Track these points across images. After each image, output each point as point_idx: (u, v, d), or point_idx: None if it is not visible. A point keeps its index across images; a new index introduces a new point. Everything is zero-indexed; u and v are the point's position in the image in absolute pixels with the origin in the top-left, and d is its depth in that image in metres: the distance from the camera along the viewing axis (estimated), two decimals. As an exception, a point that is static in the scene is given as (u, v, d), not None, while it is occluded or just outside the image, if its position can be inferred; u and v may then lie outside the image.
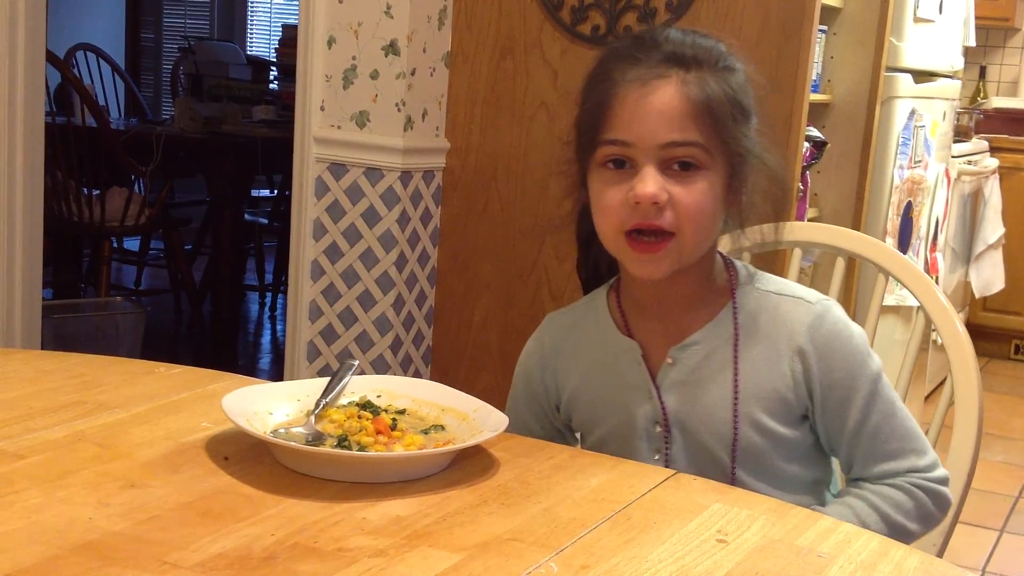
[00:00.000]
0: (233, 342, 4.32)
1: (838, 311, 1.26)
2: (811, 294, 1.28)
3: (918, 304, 1.49)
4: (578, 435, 1.39)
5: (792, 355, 1.24)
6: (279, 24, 6.74)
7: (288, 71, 4.45)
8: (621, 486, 1.09)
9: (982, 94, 5.55)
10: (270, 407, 1.18)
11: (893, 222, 3.28)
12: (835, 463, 1.35)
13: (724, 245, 1.34)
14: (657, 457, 1.28)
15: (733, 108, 1.20)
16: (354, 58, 2.75)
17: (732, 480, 1.24)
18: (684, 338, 1.27)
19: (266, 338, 5.02)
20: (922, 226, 3.55)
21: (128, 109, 5.86)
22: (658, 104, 1.18)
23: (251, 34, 7.16)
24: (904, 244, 3.39)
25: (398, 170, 2.73)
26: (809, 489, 1.30)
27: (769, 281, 1.29)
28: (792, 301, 1.26)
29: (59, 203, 4.02)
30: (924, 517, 1.26)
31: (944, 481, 1.27)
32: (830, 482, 1.35)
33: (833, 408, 1.24)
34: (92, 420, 1.19)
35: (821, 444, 1.29)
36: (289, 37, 4.90)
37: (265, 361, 4.56)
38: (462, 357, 2.93)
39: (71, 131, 3.97)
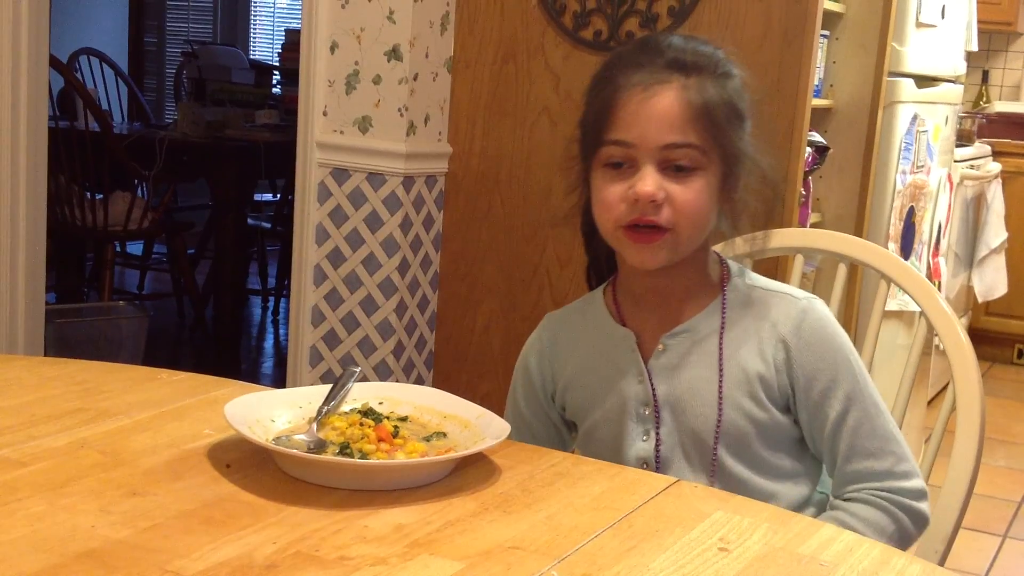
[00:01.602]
0: (236, 346, 4.33)
1: (822, 308, 1.33)
2: (797, 291, 1.34)
3: (920, 309, 1.49)
4: (571, 425, 1.43)
5: (776, 343, 1.30)
6: (282, 29, 6.75)
7: (291, 76, 4.46)
8: (623, 494, 1.10)
9: (985, 98, 5.55)
10: (272, 414, 1.18)
11: (895, 227, 3.28)
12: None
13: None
14: (645, 439, 1.33)
15: (729, 112, 1.27)
16: (357, 63, 2.76)
17: (714, 461, 1.30)
18: (676, 326, 1.33)
19: (268, 342, 5.03)
20: (924, 231, 3.55)
21: (131, 113, 5.86)
22: (659, 108, 1.24)
23: (254, 38, 7.17)
24: (907, 249, 3.39)
25: (400, 175, 2.73)
26: (791, 480, 1.33)
27: (758, 278, 1.37)
28: (779, 296, 1.33)
29: (62, 207, 4.02)
30: (903, 538, 1.30)
31: (921, 495, 1.30)
32: (818, 479, 1.37)
33: (815, 399, 1.29)
34: (95, 427, 1.19)
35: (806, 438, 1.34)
36: (292, 42, 4.91)
37: (268, 365, 4.56)
38: (464, 362, 2.93)
39: (74, 135, 3.97)
